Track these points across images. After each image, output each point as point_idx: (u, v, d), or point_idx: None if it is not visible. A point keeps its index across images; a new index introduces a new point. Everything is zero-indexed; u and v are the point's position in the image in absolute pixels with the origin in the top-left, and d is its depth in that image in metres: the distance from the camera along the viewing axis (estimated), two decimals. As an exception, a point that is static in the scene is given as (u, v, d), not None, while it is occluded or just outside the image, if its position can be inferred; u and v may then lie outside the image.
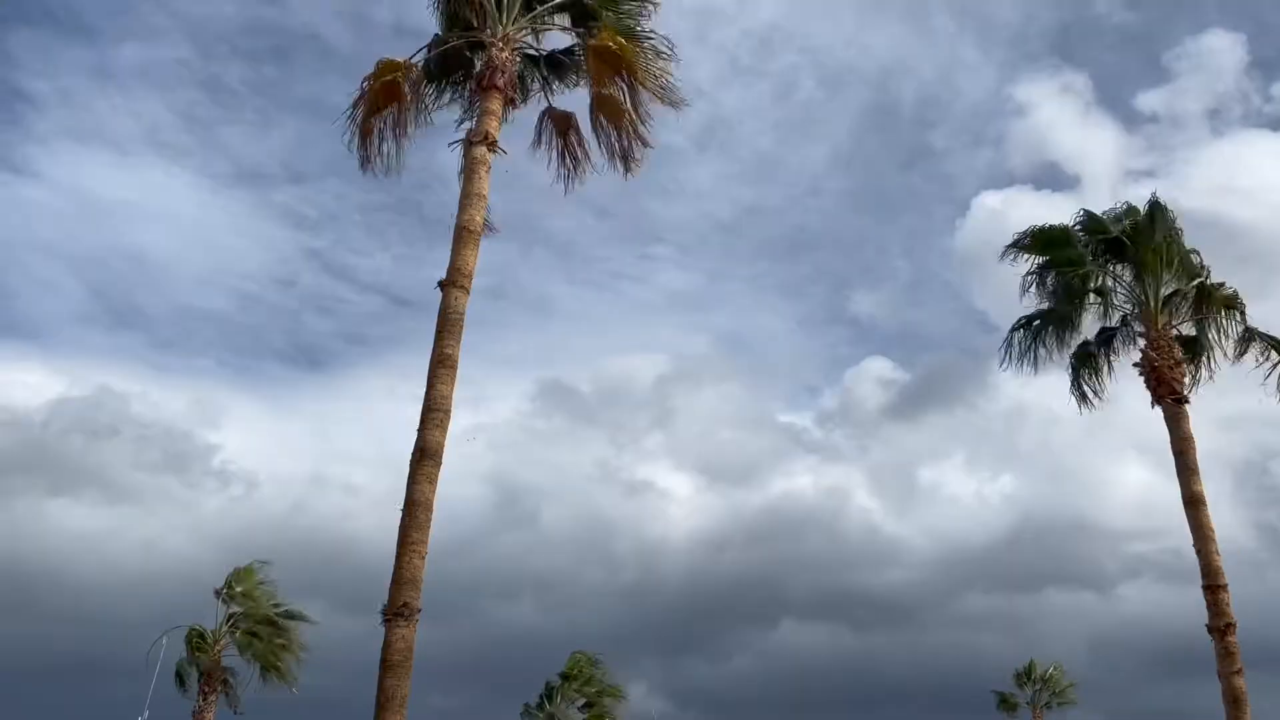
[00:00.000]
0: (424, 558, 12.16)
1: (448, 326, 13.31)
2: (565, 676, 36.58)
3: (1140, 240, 18.51)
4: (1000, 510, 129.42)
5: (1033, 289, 19.36)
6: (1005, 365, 19.72)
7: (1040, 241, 19.21)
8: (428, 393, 12.98)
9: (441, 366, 13.10)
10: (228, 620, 29.24)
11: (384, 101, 15.11)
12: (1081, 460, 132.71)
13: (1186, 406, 17.87)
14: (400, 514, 12.37)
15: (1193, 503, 17.10)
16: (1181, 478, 17.34)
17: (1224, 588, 16.43)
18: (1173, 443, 17.71)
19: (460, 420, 13.15)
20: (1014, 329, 19.76)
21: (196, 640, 28.83)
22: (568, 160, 16.47)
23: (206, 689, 28.16)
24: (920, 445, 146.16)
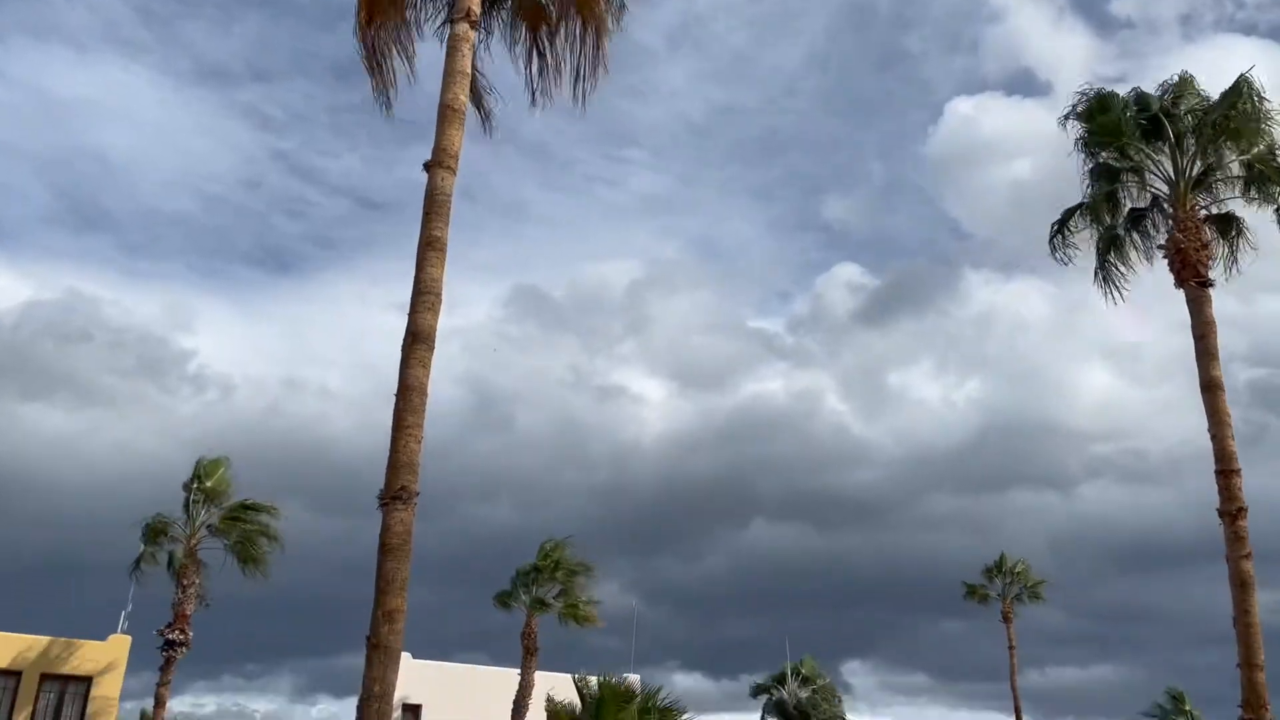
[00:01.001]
0: (420, 441, 11.76)
1: (435, 208, 12.74)
2: (536, 568, 36.58)
3: (1177, 115, 17.77)
4: (967, 413, 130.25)
5: (1083, 169, 18.79)
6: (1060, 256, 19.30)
7: (1089, 111, 18.51)
8: (417, 275, 12.44)
9: (430, 249, 12.53)
10: (200, 510, 29.00)
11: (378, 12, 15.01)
12: (1048, 364, 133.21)
13: (1210, 290, 17.37)
14: (395, 398, 11.92)
15: (1210, 387, 16.73)
16: (1201, 362, 16.96)
17: (1237, 473, 16.17)
18: (1194, 327, 17.28)
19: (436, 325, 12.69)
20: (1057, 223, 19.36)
21: (161, 526, 28.52)
22: (535, 59, 16.03)
23: (184, 581, 27.99)
24: (890, 350, 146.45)
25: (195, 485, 29.21)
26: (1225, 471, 16.15)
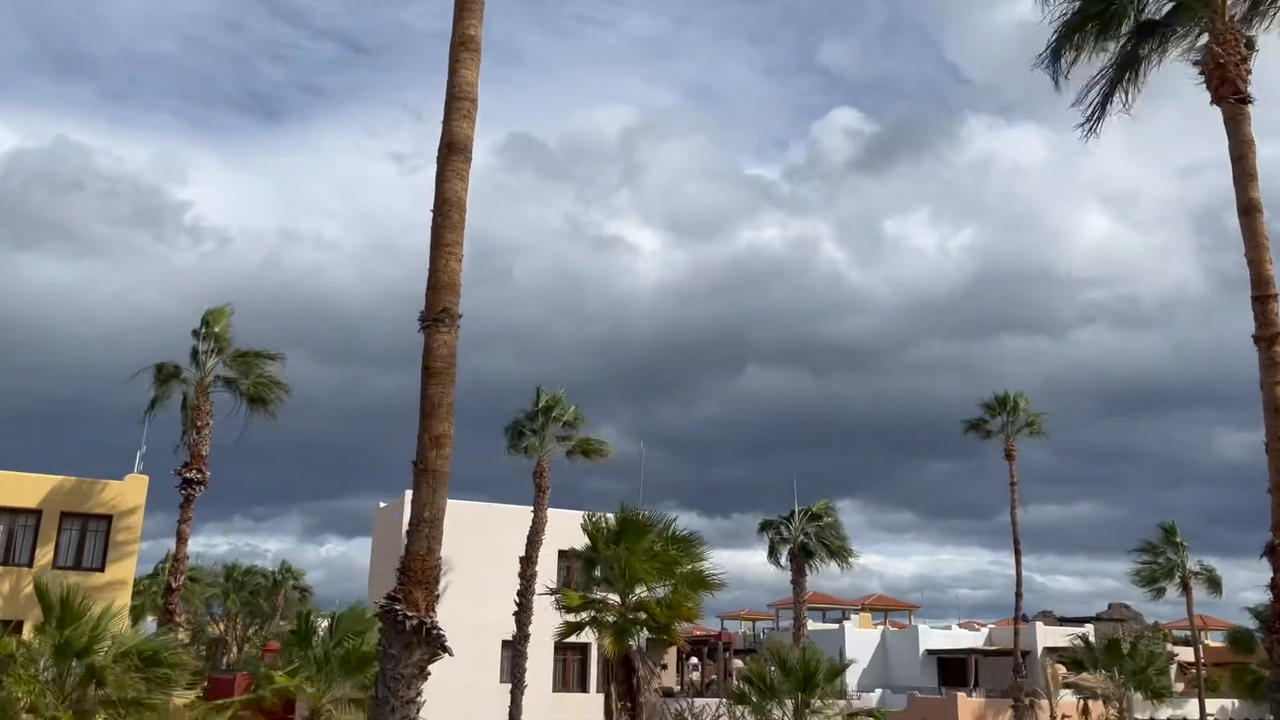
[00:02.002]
0: (460, 260, 11.41)
1: (468, 3, 11.94)
2: (547, 408, 36.87)
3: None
4: (962, 260, 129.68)
5: None
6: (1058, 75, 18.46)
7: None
8: (450, 80, 11.81)
9: (463, 49, 11.87)
10: (209, 356, 29.26)
11: None
12: (1045, 210, 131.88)
13: (1249, 108, 16.76)
14: (432, 215, 11.51)
15: (1248, 210, 16.33)
16: (1239, 184, 16.47)
17: (1273, 297, 15.89)
18: (1231, 147, 16.71)
19: (427, 174, 12.17)
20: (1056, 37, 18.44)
21: (173, 370, 28.89)
22: None
23: (199, 423, 28.33)
24: (887, 197, 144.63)
25: (204, 331, 29.37)
26: (1262, 297, 15.89)
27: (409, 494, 39.19)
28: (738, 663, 53.14)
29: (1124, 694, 31.85)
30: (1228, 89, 16.80)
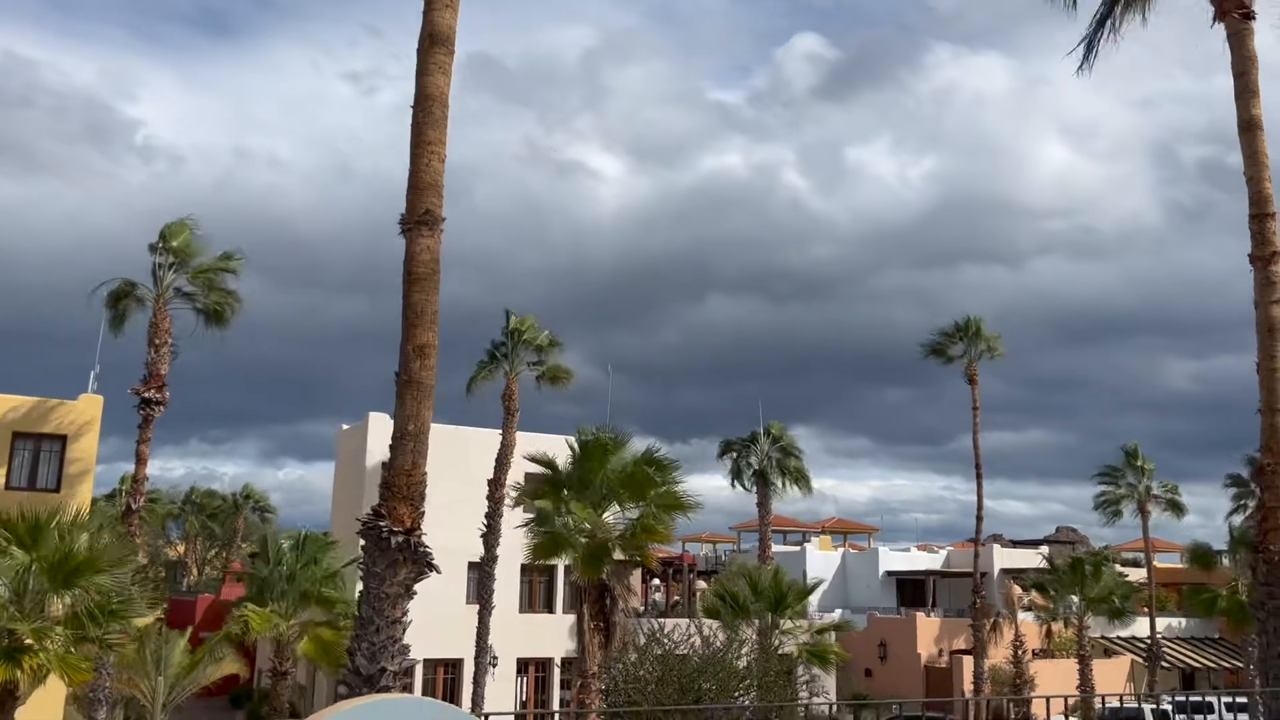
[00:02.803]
0: (444, 160, 10.71)
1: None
2: (516, 332, 36.27)
3: None
4: (922, 189, 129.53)
5: None
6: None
7: None
8: (433, -34, 10.94)
9: (447, -66, 10.97)
10: (168, 272, 28.28)
11: None
12: (1005, 140, 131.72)
13: (1253, 23, 16.28)
14: (413, 111, 10.75)
15: (1250, 127, 15.93)
16: (1240, 101, 16.05)
17: (1272, 216, 15.61)
18: (1234, 63, 16.25)
19: (386, 95, 11.32)
20: None
21: (127, 288, 27.97)
22: None
23: (157, 341, 27.46)
24: (849, 125, 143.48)
25: (162, 246, 28.34)
26: (1260, 215, 15.59)
27: (373, 416, 38.51)
28: (701, 584, 53.62)
29: (1084, 615, 32.42)
30: (1232, 4, 16.29)
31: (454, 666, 37.47)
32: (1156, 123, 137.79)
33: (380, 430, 37.23)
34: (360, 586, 10.06)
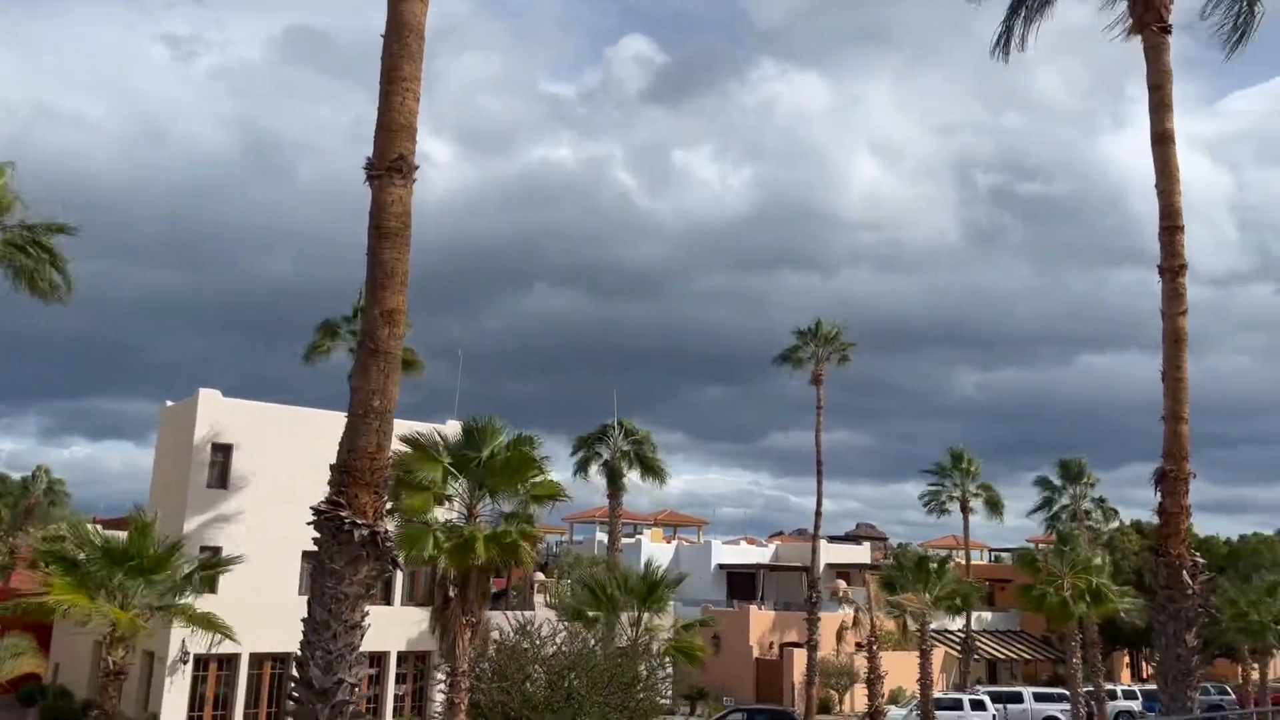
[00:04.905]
0: (418, 99, 9.42)
1: None
2: (359, 309, 34.34)
3: None
4: (744, 196, 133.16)
5: None
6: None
7: None
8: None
9: None
10: None
11: None
12: (822, 154, 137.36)
13: (1169, 38, 16.76)
14: (384, 43, 9.41)
15: (1162, 140, 16.35)
16: (1155, 114, 16.45)
17: (1181, 229, 16.10)
18: (1149, 75, 16.67)
19: (205, 60, 9.98)
20: None
21: None
22: None
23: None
24: (676, 129, 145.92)
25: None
26: (1170, 228, 16.05)
27: (203, 393, 35.33)
28: (539, 575, 52.56)
29: (929, 609, 33.48)
30: (1151, 16, 16.69)
31: (282, 661, 35.07)
32: (954, 147, 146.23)
33: (211, 408, 34.38)
34: (313, 586, 8.69)
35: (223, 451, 34.22)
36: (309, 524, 9.06)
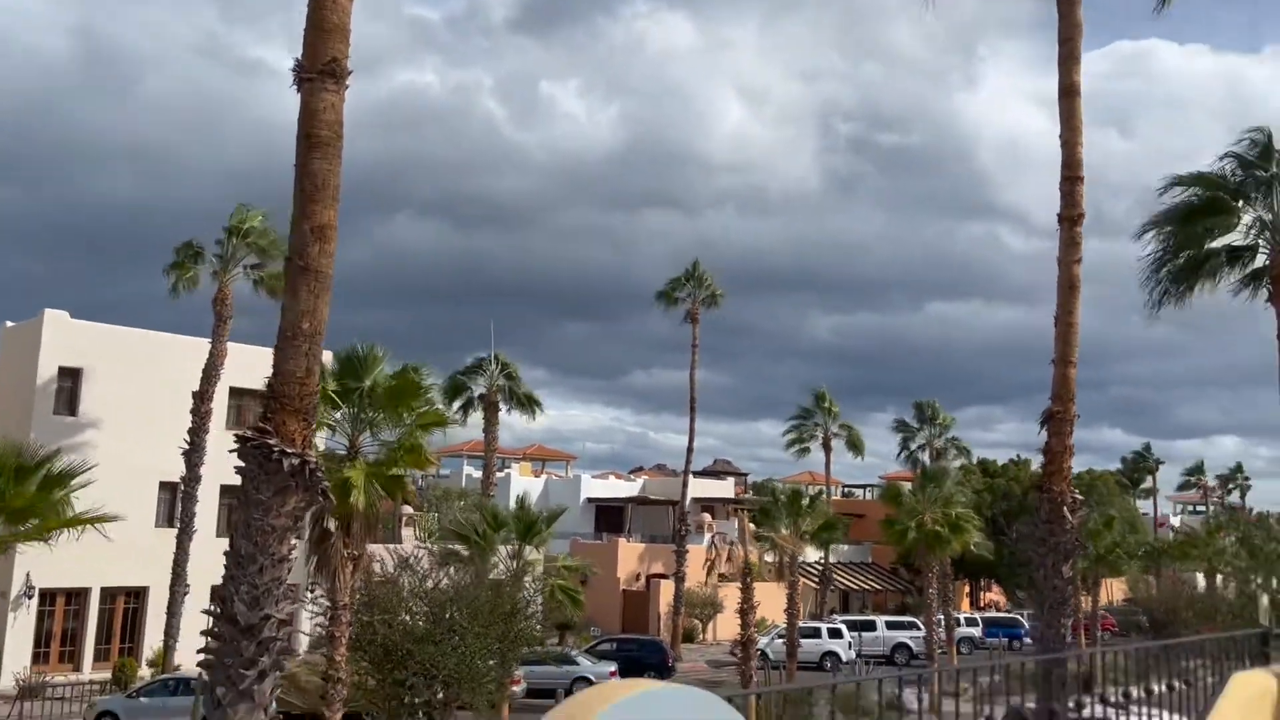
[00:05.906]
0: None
1: None
2: (234, 230, 32.59)
3: None
4: (611, 132, 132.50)
5: None
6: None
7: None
8: None
9: None
10: None
11: None
12: (688, 95, 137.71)
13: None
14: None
15: (1069, 92, 16.67)
16: (1064, 66, 16.71)
17: (1081, 179, 16.51)
18: (1061, 29, 16.87)
19: None
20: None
21: None
22: None
23: None
24: (545, 60, 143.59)
25: None
26: (1071, 178, 16.44)
27: (49, 314, 33.18)
28: (407, 509, 51.69)
29: (799, 543, 34.46)
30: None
31: (137, 595, 33.56)
32: (817, 94, 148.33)
33: (58, 330, 32.16)
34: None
35: (71, 376, 32.16)
36: (231, 451, 8.42)
